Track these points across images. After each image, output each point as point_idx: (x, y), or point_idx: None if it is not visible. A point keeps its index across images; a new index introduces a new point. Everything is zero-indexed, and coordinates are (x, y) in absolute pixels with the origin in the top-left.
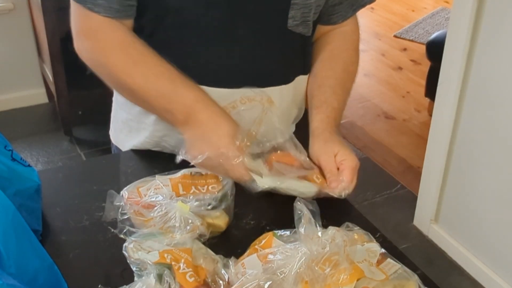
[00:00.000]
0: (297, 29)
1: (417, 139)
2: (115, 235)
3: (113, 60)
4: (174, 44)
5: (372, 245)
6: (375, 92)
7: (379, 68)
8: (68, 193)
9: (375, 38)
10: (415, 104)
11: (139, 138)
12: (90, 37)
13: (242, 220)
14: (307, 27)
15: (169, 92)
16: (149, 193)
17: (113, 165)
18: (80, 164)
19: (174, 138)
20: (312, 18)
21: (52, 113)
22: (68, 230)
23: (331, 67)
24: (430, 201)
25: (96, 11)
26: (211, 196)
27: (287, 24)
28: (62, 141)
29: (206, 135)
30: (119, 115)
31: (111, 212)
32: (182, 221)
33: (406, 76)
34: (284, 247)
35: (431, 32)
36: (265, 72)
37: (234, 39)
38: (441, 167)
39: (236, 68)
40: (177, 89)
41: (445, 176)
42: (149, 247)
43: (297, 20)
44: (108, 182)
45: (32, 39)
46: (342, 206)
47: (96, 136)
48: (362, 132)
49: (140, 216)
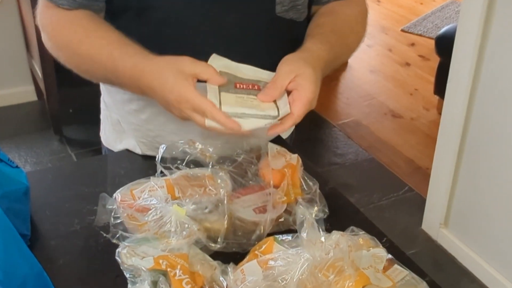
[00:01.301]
0: (287, 15)
1: (426, 139)
2: (108, 240)
3: (67, 33)
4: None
5: (378, 251)
6: (381, 89)
7: (386, 64)
8: (58, 196)
9: (381, 32)
10: (423, 102)
11: (131, 140)
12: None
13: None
14: (298, 12)
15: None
16: (143, 196)
17: (106, 166)
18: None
19: (168, 138)
20: (303, 2)
21: (41, 111)
22: (58, 234)
23: (332, 18)
24: (440, 204)
25: (59, 4)
26: (209, 199)
27: (276, 11)
28: (51, 140)
29: (158, 88)
30: (108, 116)
31: (103, 216)
32: (178, 225)
33: (414, 73)
34: (286, 252)
35: (441, 26)
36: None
37: (220, 29)
38: (451, 168)
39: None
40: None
41: (455, 177)
42: (144, 253)
43: (285, 5)
44: (100, 184)
45: (20, 34)
46: (347, 210)
47: (87, 135)
48: (367, 131)
49: (133, 220)
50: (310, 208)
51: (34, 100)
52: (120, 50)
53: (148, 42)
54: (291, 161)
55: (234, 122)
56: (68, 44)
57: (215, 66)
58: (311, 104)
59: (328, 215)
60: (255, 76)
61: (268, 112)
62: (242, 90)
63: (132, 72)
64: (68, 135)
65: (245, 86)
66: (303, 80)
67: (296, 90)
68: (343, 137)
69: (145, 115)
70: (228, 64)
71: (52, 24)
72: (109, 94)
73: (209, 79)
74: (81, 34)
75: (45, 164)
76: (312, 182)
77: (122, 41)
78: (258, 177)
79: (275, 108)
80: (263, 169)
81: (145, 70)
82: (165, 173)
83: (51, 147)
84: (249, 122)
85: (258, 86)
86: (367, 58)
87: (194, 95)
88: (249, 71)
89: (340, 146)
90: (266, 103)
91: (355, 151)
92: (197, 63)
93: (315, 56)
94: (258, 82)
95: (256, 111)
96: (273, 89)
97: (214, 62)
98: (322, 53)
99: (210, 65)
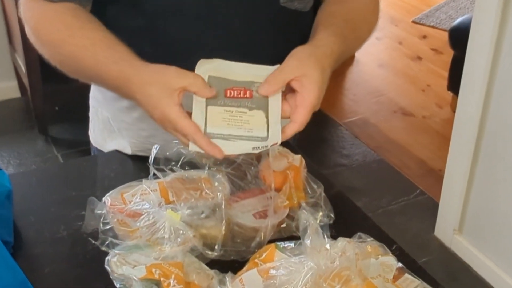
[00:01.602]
0: (292, 5)
1: (439, 139)
2: (96, 247)
3: (52, 29)
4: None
5: (387, 259)
6: (391, 85)
7: (396, 58)
8: (43, 200)
9: (391, 24)
10: (436, 98)
11: (122, 140)
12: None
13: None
14: (303, 2)
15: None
16: (135, 200)
17: (94, 168)
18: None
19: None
20: None
21: (25, 109)
22: (43, 241)
23: (344, 6)
24: (454, 208)
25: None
26: (205, 203)
27: (280, 0)
28: (36, 140)
29: (142, 101)
30: (98, 114)
31: (91, 222)
32: (172, 232)
33: (426, 67)
34: (288, 261)
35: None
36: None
37: (220, 21)
38: (465, 170)
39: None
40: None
41: (470, 180)
42: (135, 261)
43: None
44: (89, 187)
45: (3, 26)
46: (354, 215)
47: (75, 135)
48: (376, 130)
49: (124, 226)
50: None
51: (17, 96)
52: (105, 53)
53: (140, 35)
54: (293, 163)
55: (215, 148)
56: (51, 42)
57: (203, 70)
58: (314, 109)
59: (334, 220)
60: (249, 76)
61: (256, 133)
62: (232, 101)
63: (117, 80)
64: (54, 135)
65: (236, 93)
66: (309, 84)
67: (300, 94)
68: (349, 136)
69: (138, 113)
70: (218, 66)
71: (35, 18)
72: (99, 90)
73: (197, 92)
74: (64, 32)
75: (29, 165)
76: (316, 185)
77: (107, 42)
78: (258, 179)
79: (264, 126)
80: (263, 171)
81: (130, 80)
82: (158, 176)
83: (36, 147)
84: (234, 146)
85: (251, 93)
86: (375, 52)
87: (177, 116)
88: (242, 70)
89: (347, 147)
90: (255, 118)
91: (363, 151)
92: (184, 76)
93: (328, 52)
94: (252, 84)
95: (244, 131)
96: (273, 83)
97: (203, 67)
98: (335, 47)
99: (198, 77)
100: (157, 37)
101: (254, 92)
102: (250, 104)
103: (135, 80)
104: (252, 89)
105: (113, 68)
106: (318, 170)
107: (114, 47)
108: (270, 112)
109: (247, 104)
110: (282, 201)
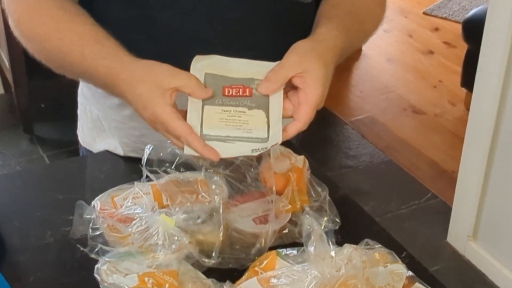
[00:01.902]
0: None
1: (452, 138)
2: (85, 254)
3: (37, 23)
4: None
5: (397, 267)
6: (400, 81)
7: (406, 52)
8: (28, 204)
9: (400, 15)
10: (448, 95)
11: (113, 140)
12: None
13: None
14: None
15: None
16: (126, 204)
17: (83, 169)
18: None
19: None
20: None
21: (9, 106)
22: (28, 248)
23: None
24: (468, 213)
25: None
26: (201, 207)
27: None
28: (20, 140)
29: (132, 100)
30: (87, 112)
31: (80, 227)
32: (167, 238)
33: (438, 62)
34: (290, 269)
35: (469, 8)
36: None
37: (216, 14)
38: (480, 172)
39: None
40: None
41: (485, 183)
42: (126, 269)
43: None
44: (77, 190)
45: None
46: (361, 220)
47: (62, 134)
48: (384, 129)
49: (115, 231)
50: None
51: (1, 93)
52: (93, 48)
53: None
54: (296, 164)
55: (211, 150)
56: (36, 36)
57: (199, 67)
58: (318, 107)
59: (339, 225)
60: (248, 72)
61: (256, 134)
62: (230, 100)
63: (106, 77)
64: (40, 134)
65: (235, 92)
66: (312, 80)
67: (303, 91)
68: (356, 136)
69: (129, 110)
70: (215, 62)
71: (19, 11)
72: (87, 87)
73: (191, 94)
74: (50, 26)
75: (13, 167)
76: (320, 188)
77: (96, 37)
78: (258, 182)
79: (265, 126)
80: (264, 173)
81: (119, 78)
82: (152, 178)
83: (20, 147)
84: (232, 148)
85: (250, 90)
86: (384, 45)
87: (169, 117)
88: (241, 66)
89: (353, 147)
90: (255, 118)
91: (370, 152)
92: (177, 76)
93: (330, 47)
94: (251, 81)
95: (243, 132)
96: (274, 80)
97: (198, 63)
98: (338, 42)
99: (192, 76)
100: (150, 30)
101: (254, 90)
102: (250, 103)
103: (124, 77)
104: (252, 86)
105: (101, 64)
106: (323, 171)
107: (103, 41)
108: (271, 111)
109: (246, 103)
110: (284, 205)
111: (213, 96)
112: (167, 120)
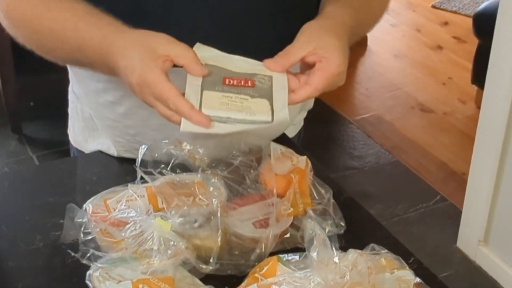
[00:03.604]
0: None
1: (462, 138)
2: (77, 260)
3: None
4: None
5: (404, 273)
6: (408, 78)
7: (413, 48)
8: (17, 207)
9: (408, 9)
10: (458, 93)
11: (105, 140)
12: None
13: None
14: None
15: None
16: (120, 207)
17: (74, 171)
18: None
19: (149, 138)
20: None
21: None
22: (16, 253)
23: None
24: (479, 217)
25: None
26: (199, 211)
27: None
28: (9, 140)
29: (121, 66)
30: (78, 111)
31: (71, 231)
32: (162, 243)
33: (447, 58)
34: (292, 275)
35: (479, 1)
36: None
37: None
38: (492, 174)
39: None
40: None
41: (497, 185)
42: (120, 276)
43: None
44: (68, 192)
45: None
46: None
47: (51, 134)
48: (391, 128)
49: (108, 236)
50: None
51: None
52: (87, 21)
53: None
54: (298, 165)
55: (201, 115)
56: (27, 21)
57: (200, 58)
58: (336, 80)
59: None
60: (250, 69)
61: (260, 117)
62: (232, 88)
63: (100, 47)
64: (29, 133)
65: (236, 82)
66: (326, 53)
67: (319, 62)
68: (361, 135)
69: (123, 108)
70: (216, 56)
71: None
72: (79, 83)
73: (186, 66)
74: (41, 8)
75: (1, 168)
76: (324, 190)
77: (90, 12)
78: (258, 184)
79: (269, 112)
80: (264, 175)
81: (114, 45)
82: (146, 180)
83: (8, 147)
84: (232, 129)
85: (253, 82)
86: (390, 40)
87: (157, 79)
88: (243, 64)
89: (358, 147)
90: (258, 105)
91: (376, 152)
92: (174, 44)
93: (338, 23)
94: (253, 76)
95: (245, 115)
96: (284, 57)
97: (199, 53)
98: (346, 18)
99: (191, 50)
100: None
101: (257, 82)
102: (253, 93)
103: (119, 44)
104: (255, 79)
105: (96, 35)
106: (326, 173)
107: (98, 15)
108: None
109: (249, 92)
110: (286, 209)
111: (213, 82)
112: (156, 82)
